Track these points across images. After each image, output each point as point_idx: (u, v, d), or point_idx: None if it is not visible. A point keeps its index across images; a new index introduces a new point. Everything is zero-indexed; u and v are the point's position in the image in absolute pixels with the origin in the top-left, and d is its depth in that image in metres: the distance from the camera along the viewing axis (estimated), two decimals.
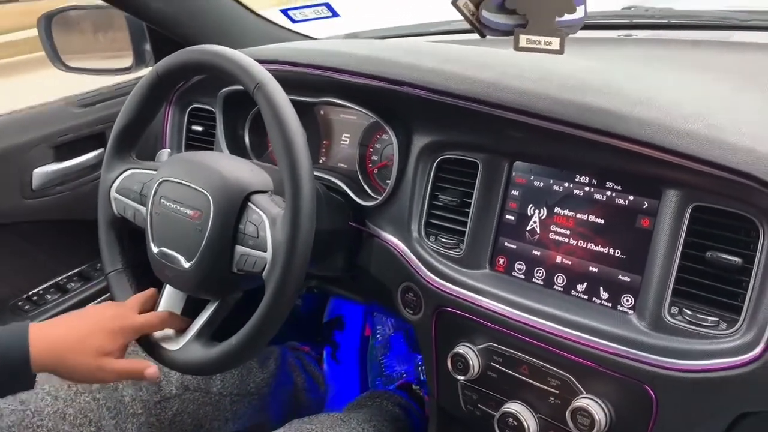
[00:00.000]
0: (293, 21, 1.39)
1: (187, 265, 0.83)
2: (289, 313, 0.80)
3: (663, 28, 1.25)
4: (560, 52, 0.79)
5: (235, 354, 0.81)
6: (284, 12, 1.39)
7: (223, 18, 1.30)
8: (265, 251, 0.79)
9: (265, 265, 0.79)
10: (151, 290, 0.92)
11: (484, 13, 0.75)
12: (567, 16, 0.81)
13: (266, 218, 0.81)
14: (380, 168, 1.06)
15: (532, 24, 0.76)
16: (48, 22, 1.37)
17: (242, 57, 0.83)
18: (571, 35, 0.85)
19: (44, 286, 1.29)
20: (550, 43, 0.79)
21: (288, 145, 0.78)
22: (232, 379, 1.19)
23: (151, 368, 0.84)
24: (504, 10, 0.75)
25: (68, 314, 0.85)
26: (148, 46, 1.33)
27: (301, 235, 0.77)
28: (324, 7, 1.37)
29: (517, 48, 0.77)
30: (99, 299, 1.32)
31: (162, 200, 0.86)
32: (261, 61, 0.84)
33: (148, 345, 0.88)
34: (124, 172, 0.95)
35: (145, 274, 0.94)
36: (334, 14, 1.38)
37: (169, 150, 1.15)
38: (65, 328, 0.81)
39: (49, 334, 0.79)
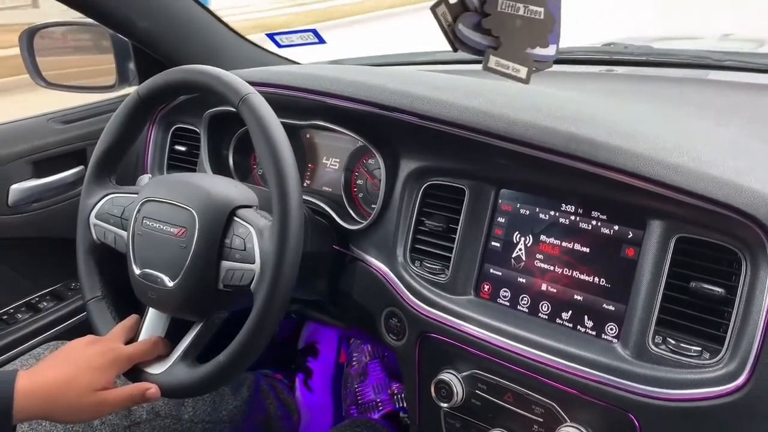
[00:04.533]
0: (279, 46, 1.40)
1: (171, 284, 0.82)
2: (278, 326, 0.79)
3: (642, 65, 1.28)
4: (526, 81, 0.81)
5: (224, 371, 0.79)
6: (270, 36, 1.39)
7: (209, 40, 1.30)
8: (253, 263, 0.79)
9: (253, 277, 0.78)
10: (132, 317, 0.90)
11: (460, 27, 0.76)
12: (539, 50, 0.82)
13: (253, 230, 0.80)
14: (365, 192, 1.07)
15: (504, 48, 0.78)
16: (30, 37, 1.36)
17: (225, 73, 0.84)
18: (556, 68, 0.87)
19: (15, 304, 1.26)
20: (518, 71, 0.81)
21: (274, 154, 0.78)
22: (204, 406, 1.16)
23: (152, 388, 0.82)
24: (480, 29, 0.76)
25: (55, 356, 0.82)
26: (132, 65, 1.33)
27: (290, 243, 0.76)
28: (311, 33, 1.38)
29: (485, 68, 0.78)
30: (72, 320, 1.28)
31: (145, 220, 0.85)
32: (251, 83, 0.84)
33: (130, 370, 0.85)
34: (103, 197, 0.94)
35: (126, 301, 0.92)
36: (321, 41, 1.38)
37: (150, 175, 1.14)
38: (55, 372, 0.79)
39: (37, 381, 0.76)
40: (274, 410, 1.35)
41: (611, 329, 0.77)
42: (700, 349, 0.71)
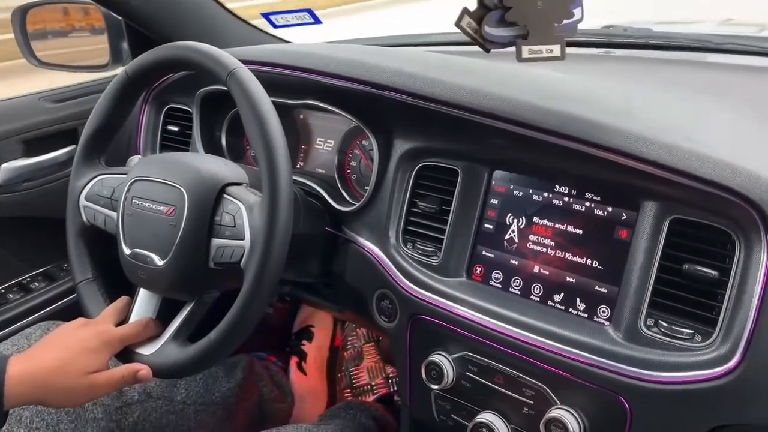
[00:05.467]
0: (274, 26, 1.38)
1: (161, 263, 0.81)
2: (267, 306, 0.78)
3: (640, 47, 1.27)
4: (562, 58, 0.80)
5: (215, 349, 0.79)
6: (265, 16, 1.37)
7: (203, 18, 1.28)
8: (243, 239, 0.78)
9: (243, 253, 0.78)
10: (123, 299, 0.89)
11: (487, 29, 0.75)
12: (565, 21, 0.81)
13: (243, 206, 0.79)
14: (358, 174, 1.06)
15: (533, 34, 0.77)
16: (23, 16, 1.34)
17: (213, 48, 0.83)
18: None
19: (6, 285, 1.25)
20: (551, 51, 0.80)
21: (263, 128, 0.77)
22: (197, 387, 1.16)
23: (143, 369, 0.82)
24: (504, 23, 0.76)
25: (46, 340, 0.82)
26: (125, 44, 1.31)
27: (280, 217, 0.75)
28: (306, 14, 1.36)
29: (520, 59, 0.77)
30: (63, 300, 1.28)
31: (134, 200, 0.84)
32: (241, 61, 0.83)
33: (122, 351, 0.85)
34: (93, 179, 0.93)
35: (116, 282, 0.91)
36: (317, 21, 1.36)
37: (141, 156, 1.12)
38: (47, 356, 0.78)
39: (29, 367, 0.76)
40: (268, 393, 1.35)
41: (603, 312, 0.77)
42: (692, 331, 0.70)
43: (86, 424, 0.98)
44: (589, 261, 0.79)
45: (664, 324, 0.72)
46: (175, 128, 1.21)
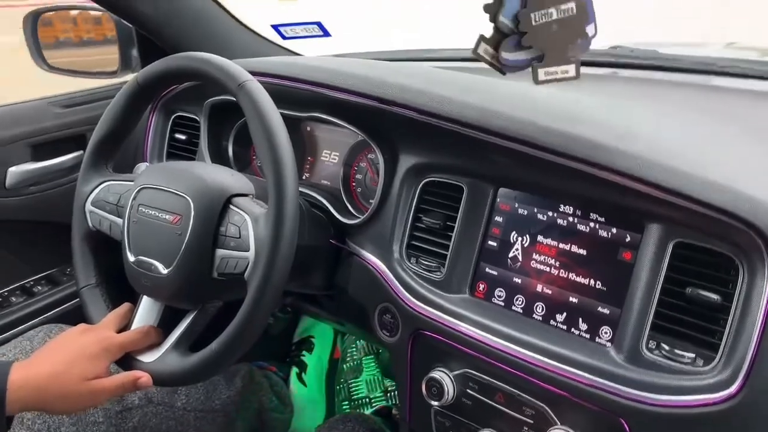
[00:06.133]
0: (284, 37, 1.40)
1: (165, 271, 0.81)
2: (269, 317, 0.78)
3: (647, 68, 1.27)
4: (576, 77, 0.80)
5: (216, 360, 0.79)
6: (275, 27, 1.39)
7: (213, 28, 1.29)
8: (248, 251, 0.78)
9: (247, 265, 0.78)
10: (125, 305, 0.89)
11: (504, 54, 0.76)
12: (579, 40, 0.82)
13: (248, 218, 0.80)
14: (363, 187, 1.06)
15: (548, 57, 0.78)
16: (34, 20, 1.35)
17: (224, 60, 0.83)
18: None
19: (9, 288, 1.25)
20: (566, 72, 0.80)
21: (271, 141, 0.77)
22: (197, 394, 1.16)
23: (143, 377, 0.82)
24: (521, 48, 0.77)
25: (48, 346, 0.82)
26: (135, 52, 1.32)
27: (285, 230, 0.75)
28: (315, 26, 1.38)
29: (537, 82, 0.78)
30: (66, 304, 1.28)
31: (140, 207, 0.85)
32: (251, 73, 0.84)
33: (122, 358, 0.85)
34: (100, 184, 0.94)
35: (120, 289, 0.92)
36: (326, 33, 1.38)
37: (148, 163, 1.13)
38: (47, 362, 0.79)
39: (30, 373, 0.77)
40: (267, 402, 1.34)
41: (605, 333, 0.77)
42: (693, 355, 0.70)
43: (87, 427, 0.98)
44: (592, 282, 0.79)
45: (666, 347, 0.72)
46: (183, 137, 1.22)
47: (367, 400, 1.50)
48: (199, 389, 1.16)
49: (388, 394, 1.48)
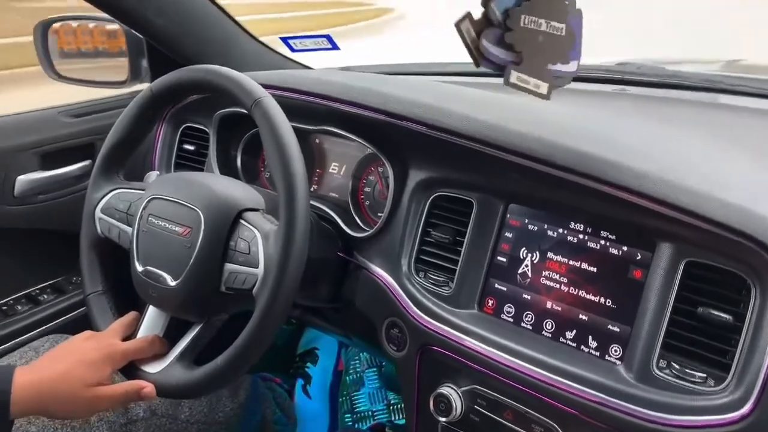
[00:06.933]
0: (293, 50, 1.40)
1: (173, 283, 0.81)
2: (276, 333, 0.78)
3: (654, 86, 1.28)
4: (546, 97, 0.80)
5: (221, 375, 0.79)
6: (284, 40, 1.39)
7: (224, 40, 1.30)
8: (257, 267, 0.78)
9: (256, 281, 0.78)
10: (132, 314, 0.89)
11: (484, 42, 0.76)
12: (560, 66, 0.82)
13: (259, 234, 0.80)
14: (372, 200, 1.06)
15: (526, 64, 0.78)
16: (44, 30, 1.36)
17: (240, 75, 0.84)
18: (568, 86, 0.86)
19: (15, 296, 1.25)
20: (538, 87, 0.80)
21: (285, 160, 0.77)
22: (201, 406, 1.15)
23: (147, 387, 0.81)
24: (502, 44, 0.76)
25: (53, 352, 0.82)
26: (145, 62, 1.33)
27: (294, 249, 0.75)
28: (325, 39, 1.38)
29: (506, 83, 0.78)
30: (71, 314, 1.28)
31: (150, 218, 0.85)
32: (263, 86, 0.84)
33: (127, 368, 0.85)
34: (110, 192, 0.94)
35: (126, 297, 0.92)
36: (334, 47, 1.38)
37: (158, 172, 1.13)
38: (50, 367, 0.79)
39: (33, 376, 0.77)
40: (271, 414, 1.34)
41: (615, 351, 0.77)
42: (705, 375, 0.70)
43: None
44: (602, 299, 0.79)
45: (677, 366, 0.71)
46: (191, 147, 1.22)
47: (370, 413, 1.49)
48: (202, 402, 1.16)
49: (391, 408, 1.48)
